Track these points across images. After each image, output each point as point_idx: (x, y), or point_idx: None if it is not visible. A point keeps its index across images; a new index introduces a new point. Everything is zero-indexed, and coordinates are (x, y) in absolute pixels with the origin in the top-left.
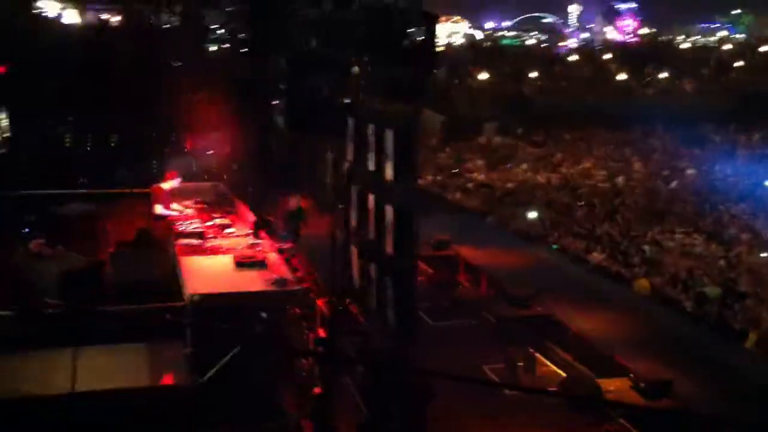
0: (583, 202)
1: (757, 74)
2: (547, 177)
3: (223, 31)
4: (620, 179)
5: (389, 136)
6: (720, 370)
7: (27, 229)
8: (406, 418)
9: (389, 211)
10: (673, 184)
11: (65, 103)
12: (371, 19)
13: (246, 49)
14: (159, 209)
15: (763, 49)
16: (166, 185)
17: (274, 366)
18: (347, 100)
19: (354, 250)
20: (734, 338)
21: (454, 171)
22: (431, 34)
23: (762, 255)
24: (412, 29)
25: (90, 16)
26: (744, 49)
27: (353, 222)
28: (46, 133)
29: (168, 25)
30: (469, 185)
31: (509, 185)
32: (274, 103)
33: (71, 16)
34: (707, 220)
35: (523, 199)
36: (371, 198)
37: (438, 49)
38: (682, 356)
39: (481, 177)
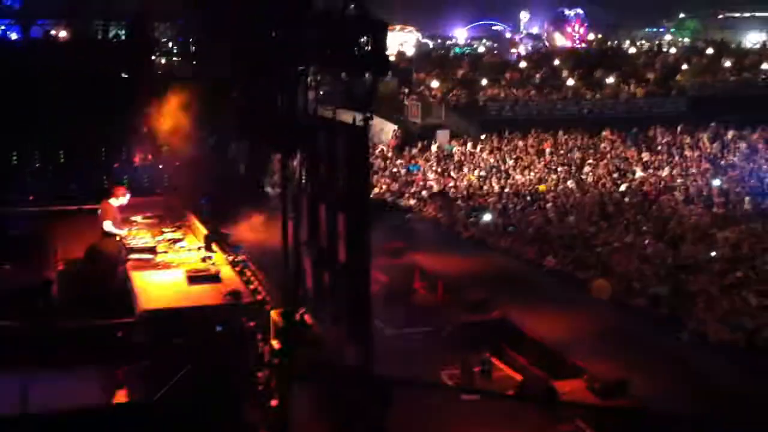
0: (535, 207)
1: (702, 77)
2: (499, 183)
3: (171, 44)
4: (570, 183)
5: (341, 143)
6: (675, 368)
7: None
8: (365, 427)
9: (341, 218)
10: (623, 186)
11: (11, 119)
12: (321, 27)
13: (196, 62)
14: (108, 226)
15: (707, 52)
16: (116, 201)
17: (230, 380)
18: (299, 109)
19: (307, 260)
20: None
21: (407, 180)
22: (382, 41)
23: (711, 254)
24: (363, 37)
25: (36, 31)
26: (689, 53)
27: (305, 231)
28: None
29: (116, 39)
30: (423, 193)
31: (462, 192)
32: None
33: (16, 33)
34: (655, 222)
35: (477, 205)
36: (323, 206)
37: (389, 58)
38: (637, 355)
39: (432, 184)
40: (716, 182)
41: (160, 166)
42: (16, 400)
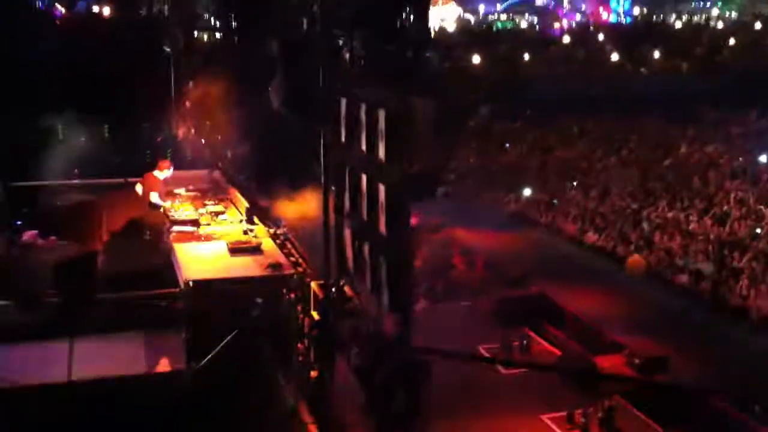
0: (576, 183)
1: (749, 53)
2: (541, 160)
3: (213, 19)
4: (613, 159)
5: (381, 115)
6: (717, 346)
7: (19, 221)
8: (404, 397)
9: (382, 190)
10: (667, 162)
11: (56, 94)
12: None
13: (237, 36)
14: (154, 198)
15: (755, 27)
16: (160, 174)
17: (270, 351)
18: (340, 82)
19: (348, 233)
20: (730, 314)
21: (448, 155)
22: (423, 12)
23: (757, 231)
24: (404, 8)
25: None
26: (736, 28)
27: (346, 204)
28: (38, 125)
29: (158, 14)
30: (464, 169)
31: (502, 168)
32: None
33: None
34: (701, 198)
35: (517, 181)
36: (364, 178)
37: (431, 30)
38: (678, 333)
39: (473, 160)
40: (763, 158)
41: (203, 141)
42: (62, 369)
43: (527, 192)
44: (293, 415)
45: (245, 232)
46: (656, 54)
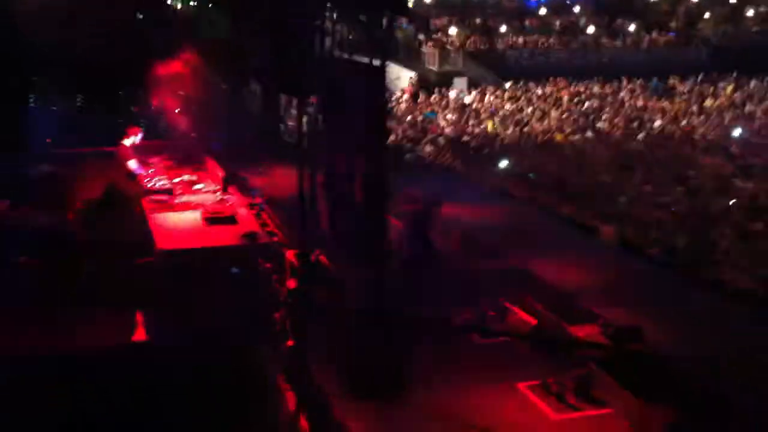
0: (552, 156)
1: (724, 26)
2: (518, 132)
3: None
4: (590, 133)
5: (358, 84)
6: (690, 316)
7: None
8: (380, 367)
9: (359, 160)
10: (640, 136)
11: (29, 63)
12: None
13: (212, 6)
14: (132, 165)
15: (731, 1)
16: (128, 141)
17: (247, 320)
18: (316, 52)
19: (323, 202)
20: (702, 284)
21: (424, 126)
22: None
23: (730, 202)
24: None
25: None
26: (712, 1)
27: (322, 173)
28: (11, 93)
29: None
30: (440, 140)
31: (479, 140)
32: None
33: None
34: (673, 171)
35: (494, 153)
36: (341, 148)
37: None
38: (652, 303)
39: (448, 131)
40: (737, 132)
41: (177, 111)
42: (35, 340)
43: (503, 164)
44: (273, 388)
45: (220, 202)
46: (632, 27)
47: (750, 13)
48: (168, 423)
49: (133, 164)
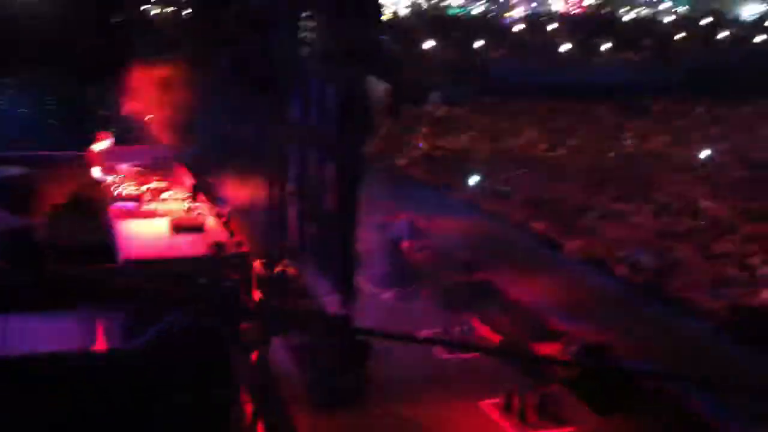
0: (526, 171)
1: (698, 46)
2: (491, 147)
3: None
4: (563, 150)
5: (334, 92)
6: (655, 331)
7: None
8: (344, 379)
9: (331, 169)
10: (611, 154)
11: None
12: None
13: (192, 10)
14: (96, 172)
15: (704, 21)
16: (97, 147)
17: (211, 332)
18: (292, 58)
19: (292, 211)
20: (665, 301)
21: (399, 139)
22: None
23: (694, 222)
24: None
25: None
26: (686, 22)
27: (292, 182)
28: None
29: None
30: (415, 154)
31: (453, 154)
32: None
33: None
34: (643, 190)
35: (468, 168)
36: (312, 156)
37: (381, 5)
38: (616, 319)
39: (424, 146)
40: (705, 153)
41: (149, 117)
42: None
43: (475, 180)
44: (233, 397)
45: (189, 210)
46: (606, 45)
47: (722, 35)
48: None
49: (97, 172)
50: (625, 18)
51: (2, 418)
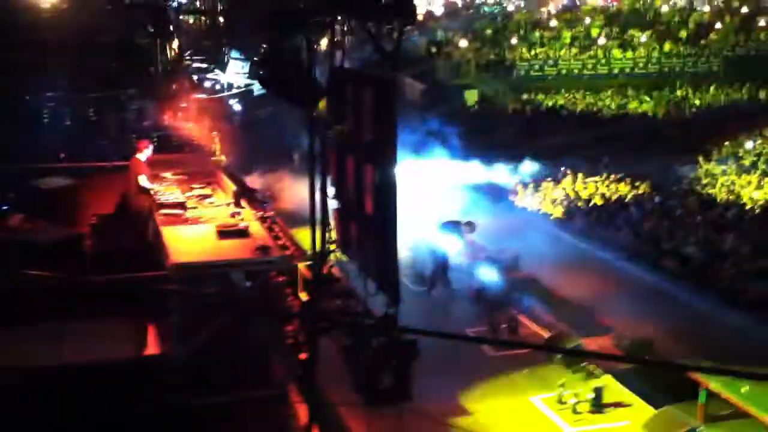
0: (564, 167)
1: (736, 36)
2: (531, 143)
3: (198, 3)
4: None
5: (368, 95)
6: (705, 328)
7: (5, 205)
8: (393, 376)
9: (369, 171)
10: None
11: (42, 79)
12: None
13: (224, 19)
14: (143, 181)
15: (742, 11)
16: (142, 156)
17: (260, 333)
18: (326, 62)
19: (335, 213)
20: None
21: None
22: None
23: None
24: None
25: None
26: (723, 11)
27: (333, 185)
28: (24, 109)
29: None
30: None
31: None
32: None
33: None
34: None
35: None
36: (350, 159)
37: (415, 7)
38: (665, 314)
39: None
40: (749, 144)
41: (190, 125)
42: (49, 352)
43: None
44: (284, 396)
45: (232, 215)
46: (643, 37)
47: (762, 23)
48: None
49: (144, 179)
50: (663, 9)
51: (64, 425)
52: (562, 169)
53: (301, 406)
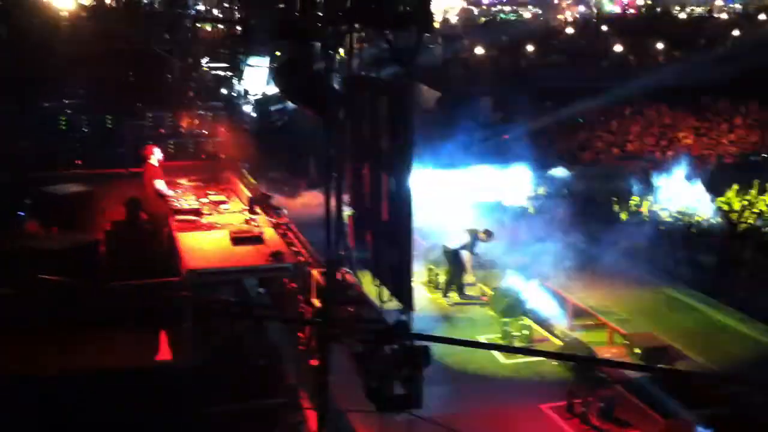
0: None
1: (753, 44)
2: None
3: (216, 11)
4: (616, 150)
5: (384, 102)
6: (716, 336)
7: (22, 212)
8: (404, 384)
9: (384, 178)
10: (669, 153)
11: (59, 86)
12: None
13: (240, 28)
14: (160, 186)
15: (760, 18)
16: (153, 160)
17: (272, 340)
18: (341, 69)
19: (350, 220)
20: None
21: None
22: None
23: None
24: None
25: None
26: (740, 19)
27: (348, 192)
28: (41, 116)
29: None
30: None
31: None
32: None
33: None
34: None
35: None
36: (366, 166)
37: (433, 13)
38: (679, 323)
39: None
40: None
41: (205, 132)
42: (67, 359)
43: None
44: (295, 403)
45: (247, 222)
46: (660, 45)
47: None
48: None
49: (161, 185)
50: (680, 16)
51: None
52: None
53: (312, 413)
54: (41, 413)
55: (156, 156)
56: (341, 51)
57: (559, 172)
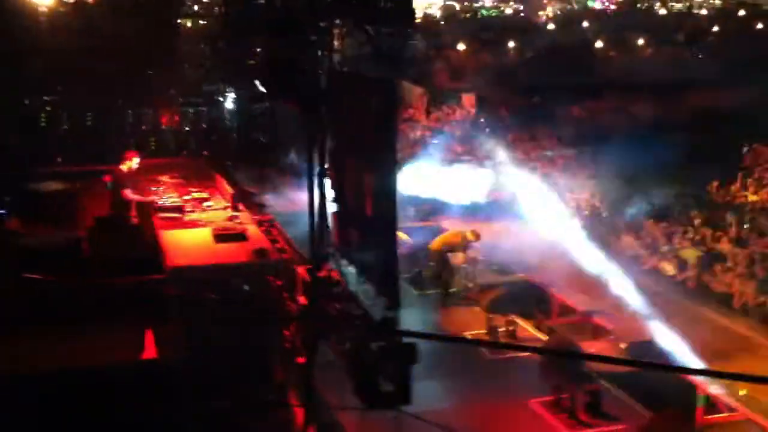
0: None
1: (733, 39)
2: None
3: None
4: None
5: (368, 99)
6: (700, 329)
7: (3, 209)
8: (392, 380)
9: (368, 175)
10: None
11: (40, 82)
12: None
13: (224, 22)
14: (129, 195)
15: (739, 14)
16: (125, 166)
17: (258, 337)
18: (324, 65)
19: (334, 217)
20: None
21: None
22: None
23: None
24: None
25: None
26: (720, 15)
27: (331, 188)
28: (21, 112)
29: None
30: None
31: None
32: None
33: None
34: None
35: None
36: (350, 163)
37: (414, 10)
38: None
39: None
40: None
41: (187, 129)
42: (48, 357)
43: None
44: (282, 401)
45: (230, 219)
46: (640, 41)
47: (760, 26)
48: None
49: (129, 194)
50: (660, 12)
51: (64, 430)
52: None
53: (300, 410)
54: (29, 411)
55: (129, 163)
56: (326, 46)
57: None
